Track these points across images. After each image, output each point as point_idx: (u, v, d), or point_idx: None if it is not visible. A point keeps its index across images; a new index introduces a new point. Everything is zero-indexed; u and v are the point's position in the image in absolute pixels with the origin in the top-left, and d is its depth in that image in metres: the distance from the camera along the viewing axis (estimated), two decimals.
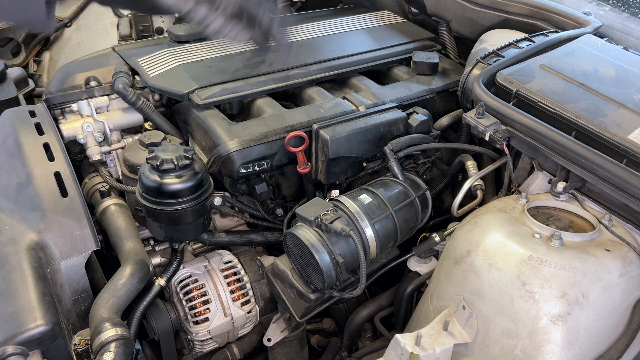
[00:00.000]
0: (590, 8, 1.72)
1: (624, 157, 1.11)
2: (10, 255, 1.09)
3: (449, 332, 1.06)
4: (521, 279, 1.02)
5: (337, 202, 1.25)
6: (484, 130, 1.27)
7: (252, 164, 1.37)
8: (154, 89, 1.58)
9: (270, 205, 1.52)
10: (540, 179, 1.32)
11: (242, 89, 1.54)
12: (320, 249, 1.15)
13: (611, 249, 1.05)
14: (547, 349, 0.99)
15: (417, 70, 1.70)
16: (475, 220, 1.17)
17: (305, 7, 2.53)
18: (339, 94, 1.62)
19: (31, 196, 1.24)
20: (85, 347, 1.07)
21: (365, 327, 1.53)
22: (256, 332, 1.53)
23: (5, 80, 1.85)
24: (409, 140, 1.40)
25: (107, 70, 1.64)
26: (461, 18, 1.84)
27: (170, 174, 1.24)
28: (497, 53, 1.47)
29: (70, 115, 1.61)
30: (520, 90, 1.29)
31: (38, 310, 0.99)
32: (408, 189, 1.33)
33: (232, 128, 1.42)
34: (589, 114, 1.19)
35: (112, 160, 1.62)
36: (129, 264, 1.22)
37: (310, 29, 1.90)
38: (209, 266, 1.43)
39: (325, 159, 1.37)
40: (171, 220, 1.29)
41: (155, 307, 1.35)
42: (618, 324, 1.02)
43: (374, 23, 1.98)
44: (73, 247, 1.17)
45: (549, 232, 1.08)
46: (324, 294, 1.24)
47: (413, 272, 1.40)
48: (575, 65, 1.36)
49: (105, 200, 1.42)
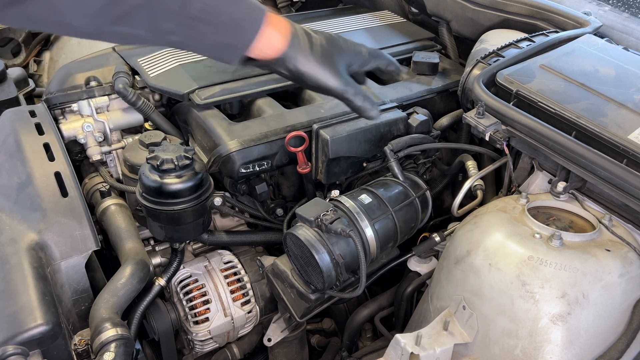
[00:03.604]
0: (591, 8, 1.72)
1: (624, 157, 1.11)
2: (11, 255, 1.09)
3: (449, 332, 1.06)
4: (521, 279, 1.02)
5: (337, 202, 1.25)
6: (484, 130, 1.27)
7: (252, 164, 1.37)
8: (154, 89, 1.58)
9: (270, 205, 1.52)
10: (540, 179, 1.32)
11: (242, 89, 1.54)
12: (320, 249, 1.15)
13: (611, 249, 1.05)
14: (547, 349, 0.99)
15: (417, 70, 1.70)
16: (475, 220, 1.17)
17: (305, 7, 2.53)
18: None
19: (31, 196, 1.24)
20: (85, 347, 1.07)
21: (365, 327, 1.53)
22: (256, 332, 1.53)
23: (5, 80, 1.85)
24: (409, 140, 1.40)
25: (107, 70, 1.64)
26: (461, 18, 1.84)
27: (171, 174, 1.24)
28: (497, 53, 1.47)
29: (70, 115, 1.61)
30: (520, 90, 1.29)
31: (38, 310, 0.99)
32: (408, 189, 1.33)
33: (232, 128, 1.42)
34: (589, 114, 1.19)
35: (112, 160, 1.62)
36: (129, 264, 1.22)
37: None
38: (209, 266, 1.43)
39: (326, 159, 1.37)
40: (171, 220, 1.29)
41: (155, 307, 1.35)
42: (618, 324, 1.02)
43: (374, 23, 1.98)
44: (73, 247, 1.17)
45: (549, 232, 1.08)
46: (324, 294, 1.24)
47: (413, 272, 1.40)
48: (576, 65, 1.36)
49: (106, 200, 1.42)
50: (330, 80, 1.00)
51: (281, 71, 1.00)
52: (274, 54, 0.95)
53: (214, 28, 0.90)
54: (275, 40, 0.94)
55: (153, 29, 0.86)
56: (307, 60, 0.96)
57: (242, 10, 0.92)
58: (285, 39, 0.95)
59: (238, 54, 0.94)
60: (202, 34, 0.90)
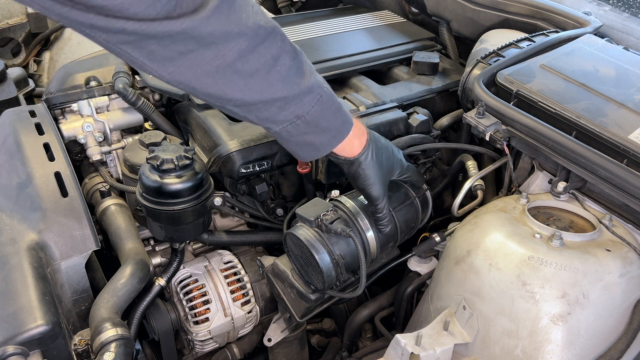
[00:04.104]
0: (591, 8, 1.72)
1: (625, 157, 1.11)
2: (11, 255, 1.09)
3: (450, 332, 1.06)
4: (521, 279, 1.02)
5: (337, 202, 1.25)
6: (485, 130, 1.27)
7: (253, 164, 1.37)
8: (154, 88, 1.58)
9: (270, 205, 1.52)
10: (540, 179, 1.32)
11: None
12: (320, 249, 1.15)
13: (611, 249, 1.05)
14: (548, 349, 0.99)
15: (418, 70, 1.70)
16: (475, 221, 1.17)
17: (305, 7, 2.53)
18: (339, 93, 1.62)
19: (31, 196, 1.24)
20: (85, 347, 1.06)
21: (365, 327, 1.53)
22: (256, 332, 1.53)
23: (5, 80, 1.85)
24: (409, 140, 1.40)
25: (107, 70, 1.64)
26: (461, 18, 1.84)
27: (171, 174, 1.24)
28: (497, 53, 1.47)
29: (70, 115, 1.61)
30: (520, 90, 1.29)
31: (38, 310, 0.99)
32: (408, 189, 1.33)
33: (232, 128, 1.42)
34: (589, 114, 1.19)
35: (112, 160, 1.62)
36: (129, 264, 1.22)
37: (310, 29, 1.90)
38: (209, 266, 1.43)
39: (326, 159, 1.37)
40: (171, 220, 1.28)
41: (155, 307, 1.35)
42: (618, 324, 1.02)
43: (374, 23, 1.98)
44: (73, 247, 1.17)
45: (549, 232, 1.08)
46: (324, 294, 1.24)
47: (413, 272, 1.40)
48: (576, 65, 1.36)
49: (106, 200, 1.42)
50: (376, 190, 1.11)
51: (343, 167, 1.10)
52: (349, 155, 1.06)
53: (312, 129, 0.97)
54: (354, 147, 1.06)
55: (261, 118, 0.93)
56: (368, 166, 1.08)
57: (339, 120, 1.01)
58: (361, 146, 1.06)
59: (319, 155, 1.03)
60: (299, 131, 0.97)
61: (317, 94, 0.94)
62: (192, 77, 0.84)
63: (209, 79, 0.84)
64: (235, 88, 0.86)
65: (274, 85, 0.88)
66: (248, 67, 0.85)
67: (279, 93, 0.89)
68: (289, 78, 0.89)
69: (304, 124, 0.95)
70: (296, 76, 0.90)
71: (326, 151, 1.03)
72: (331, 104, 0.97)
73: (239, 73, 0.85)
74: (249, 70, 0.85)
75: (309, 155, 1.03)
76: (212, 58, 0.82)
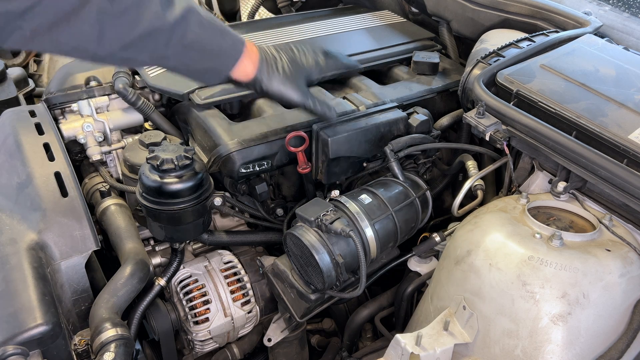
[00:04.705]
0: (591, 8, 1.72)
1: (625, 157, 1.11)
2: (10, 255, 1.09)
3: (450, 332, 1.06)
4: (522, 279, 1.02)
5: (338, 202, 1.25)
6: (485, 130, 1.27)
7: (253, 164, 1.37)
8: (154, 88, 1.57)
9: (270, 205, 1.52)
10: (540, 179, 1.32)
11: (242, 89, 1.54)
12: (320, 249, 1.15)
13: (612, 249, 1.05)
14: (548, 349, 0.99)
15: (418, 70, 1.70)
16: (475, 221, 1.17)
17: (305, 7, 2.53)
18: (339, 93, 1.62)
19: (31, 196, 1.24)
20: (85, 347, 1.07)
21: (365, 327, 1.53)
22: (256, 332, 1.53)
23: (5, 80, 1.85)
24: (409, 140, 1.40)
25: (107, 70, 1.64)
26: (461, 18, 1.84)
27: (171, 174, 1.24)
28: (497, 53, 1.47)
29: (70, 115, 1.61)
30: (520, 90, 1.29)
31: (38, 310, 0.99)
32: (408, 189, 1.33)
33: (232, 128, 1.42)
34: (589, 114, 1.19)
35: (112, 160, 1.61)
36: (129, 264, 1.22)
37: (310, 29, 1.90)
38: (209, 266, 1.43)
39: (326, 159, 1.37)
40: (171, 220, 1.28)
41: (155, 307, 1.35)
42: (618, 324, 1.02)
43: (374, 23, 1.98)
44: (73, 247, 1.17)
45: (549, 232, 1.08)
46: (324, 294, 1.24)
47: (413, 272, 1.40)
48: (576, 65, 1.36)
49: (106, 200, 1.42)
50: (292, 95, 1.21)
51: (255, 91, 1.20)
52: (247, 78, 1.16)
53: (203, 55, 1.07)
54: (247, 68, 1.15)
55: (153, 55, 1.02)
56: (270, 82, 1.17)
57: (228, 42, 1.11)
58: (254, 66, 1.15)
59: (221, 77, 1.15)
60: (193, 60, 1.07)
61: (195, 20, 1.02)
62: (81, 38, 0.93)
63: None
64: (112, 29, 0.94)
65: (147, 18, 0.96)
66: (117, 7, 0.93)
67: (154, 24, 0.97)
68: (160, 10, 0.97)
69: (194, 52, 1.05)
70: (167, 7, 0.98)
71: (226, 72, 1.13)
72: (214, 27, 1.07)
73: (113, 14, 0.93)
74: (119, 9, 0.93)
75: (211, 79, 1.14)
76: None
